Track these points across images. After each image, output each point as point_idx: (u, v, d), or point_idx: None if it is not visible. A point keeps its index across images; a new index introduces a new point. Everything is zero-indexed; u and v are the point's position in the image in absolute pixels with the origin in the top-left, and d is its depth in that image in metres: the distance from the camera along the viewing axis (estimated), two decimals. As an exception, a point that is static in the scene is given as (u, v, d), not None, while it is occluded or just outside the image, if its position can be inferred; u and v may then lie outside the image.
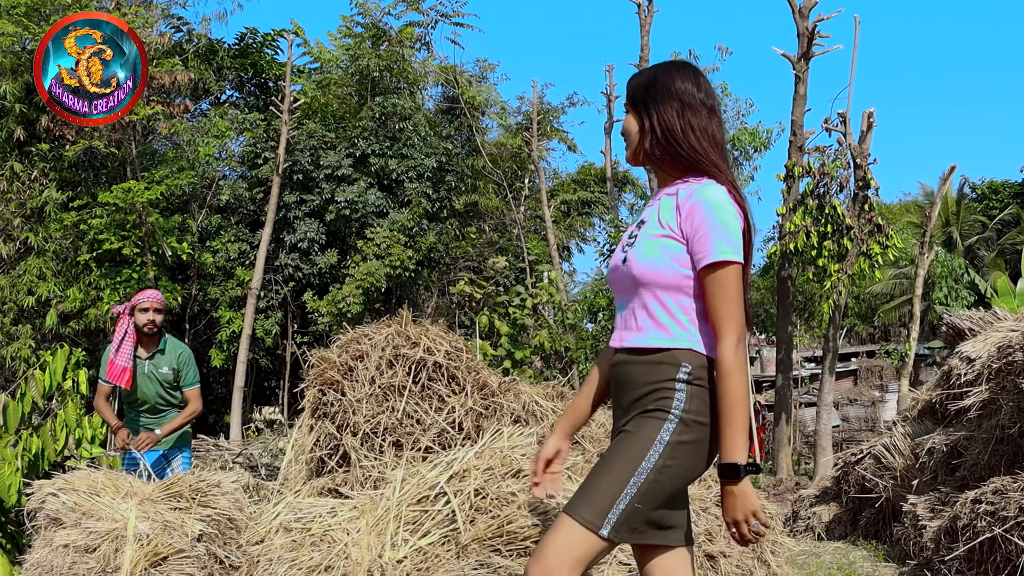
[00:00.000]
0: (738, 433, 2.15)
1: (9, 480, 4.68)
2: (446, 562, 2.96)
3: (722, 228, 2.22)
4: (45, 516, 3.92)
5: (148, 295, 5.21)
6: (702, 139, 2.31)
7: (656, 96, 2.35)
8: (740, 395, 2.16)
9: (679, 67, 2.41)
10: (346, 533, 3.18)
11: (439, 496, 3.17)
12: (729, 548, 4.05)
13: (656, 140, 2.34)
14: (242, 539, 3.96)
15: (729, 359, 2.18)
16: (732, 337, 2.19)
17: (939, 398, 6.12)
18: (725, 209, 2.24)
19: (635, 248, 2.33)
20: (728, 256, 2.20)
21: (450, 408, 3.96)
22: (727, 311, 2.20)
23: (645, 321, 2.30)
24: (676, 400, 2.21)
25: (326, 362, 4.06)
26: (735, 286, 2.22)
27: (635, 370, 2.30)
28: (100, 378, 5.17)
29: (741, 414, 2.16)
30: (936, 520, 5.26)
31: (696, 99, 2.33)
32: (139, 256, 15.23)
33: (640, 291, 2.31)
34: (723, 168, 2.32)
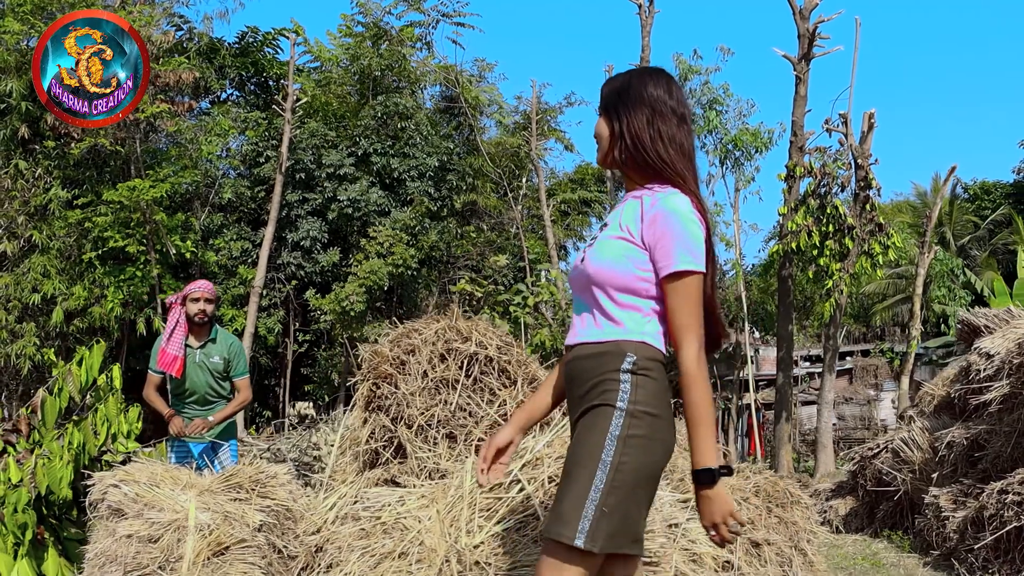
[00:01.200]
0: (707, 439, 2.16)
1: (60, 473, 4.75)
2: (523, 547, 3.06)
3: (685, 238, 2.23)
4: (107, 507, 4.01)
5: (199, 285, 5.30)
6: (670, 148, 2.32)
7: (628, 102, 2.37)
8: (705, 401, 2.17)
9: (652, 74, 2.41)
10: (417, 521, 3.28)
11: (513, 483, 3.27)
12: (772, 536, 4.17)
13: (624, 146, 2.36)
14: (299, 529, 4.06)
15: (692, 367, 2.17)
16: (693, 345, 2.19)
17: (958, 393, 6.25)
18: (688, 219, 2.25)
19: (593, 248, 2.35)
20: (690, 266, 2.22)
21: (501, 401, 4.06)
22: (688, 318, 2.21)
23: (599, 319, 2.31)
24: (621, 392, 2.20)
25: (379, 356, 4.16)
26: (696, 295, 2.23)
27: (584, 364, 2.30)
28: (150, 368, 5.25)
29: (708, 420, 2.17)
30: (960, 511, 5.40)
31: (667, 107, 2.34)
32: (143, 254, 15.26)
33: (594, 290, 2.32)
34: (688, 178, 2.32)
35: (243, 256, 17.40)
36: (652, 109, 2.33)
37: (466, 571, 3.02)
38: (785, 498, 4.56)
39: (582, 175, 23.67)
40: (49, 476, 4.72)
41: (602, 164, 2.48)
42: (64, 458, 4.78)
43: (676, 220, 2.23)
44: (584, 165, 24.03)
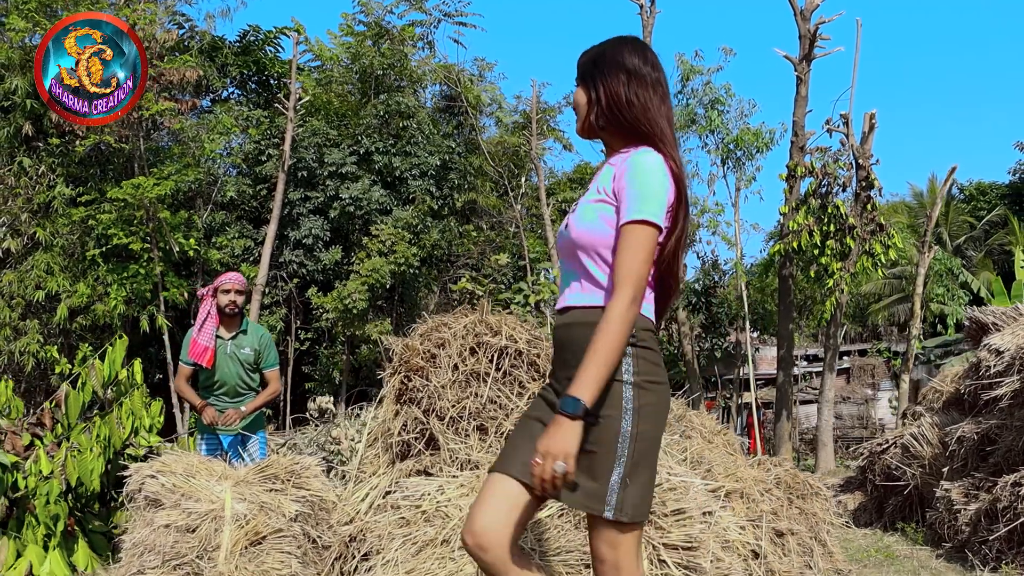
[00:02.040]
0: (595, 378, 2.11)
1: (91, 465, 4.81)
2: (566, 532, 3.13)
3: (645, 190, 2.21)
4: (144, 497, 4.07)
5: (230, 277, 5.37)
6: (647, 109, 2.32)
7: (604, 68, 2.38)
8: (615, 346, 2.13)
9: (627, 41, 2.43)
10: (459, 509, 3.35)
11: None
12: (795, 526, 4.26)
13: (601, 110, 2.36)
14: (332, 519, 4.13)
15: (618, 310, 2.15)
16: (629, 293, 2.17)
17: (967, 389, 6.35)
18: (654, 174, 2.23)
19: (575, 214, 2.36)
20: (646, 216, 2.19)
21: (530, 393, 4.13)
22: (630, 268, 2.18)
23: (584, 281, 2.31)
24: (624, 366, 2.20)
25: (410, 350, 4.23)
26: (645, 248, 2.19)
27: (579, 332, 2.28)
28: (181, 360, 5.30)
29: (608, 362, 2.13)
30: (973, 504, 5.50)
31: (643, 72, 2.35)
32: (146, 252, 15.30)
33: (579, 254, 2.32)
34: (666, 138, 2.32)
35: (245, 254, 17.44)
36: (628, 73, 2.35)
37: (510, 557, 3.09)
38: (805, 490, 4.65)
39: (581, 174, 23.77)
40: (80, 468, 4.78)
41: (581, 133, 2.48)
42: (95, 450, 4.84)
43: (640, 172, 2.23)
44: (583, 165, 24.13)
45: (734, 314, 16.67)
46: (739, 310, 16.54)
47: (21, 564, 4.79)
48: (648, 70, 2.36)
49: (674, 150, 2.33)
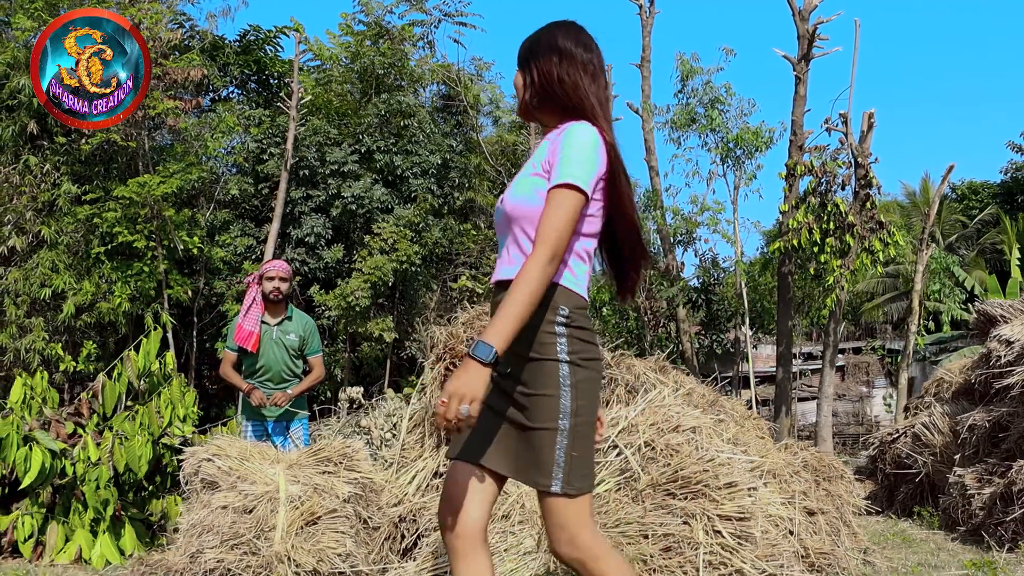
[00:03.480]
0: (508, 326, 2.15)
1: (140, 451, 4.94)
2: (624, 506, 3.29)
3: (574, 158, 2.27)
4: (200, 480, 4.20)
5: (275, 264, 5.54)
6: (578, 87, 2.40)
7: (538, 51, 2.47)
8: (530, 300, 2.17)
9: (561, 25, 2.52)
10: (516, 486, 3.50)
11: (611, 448, 3.50)
12: (825, 506, 4.43)
13: (535, 90, 2.46)
14: (381, 501, 4.28)
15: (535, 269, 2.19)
16: (547, 252, 2.20)
17: (978, 378, 6.53)
18: (585, 143, 2.29)
19: (510, 188, 2.43)
20: (571, 180, 2.24)
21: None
22: (551, 231, 2.21)
23: (516, 254, 2.36)
24: (559, 345, 2.27)
25: (455, 338, 4.38)
26: (569, 212, 2.23)
27: None
28: (227, 347, 5.46)
29: (520, 315, 2.17)
30: (987, 488, 5.69)
31: (574, 52, 2.44)
32: (150, 250, 15.38)
33: (512, 227, 2.38)
34: (597, 113, 2.39)
35: (247, 252, 17.53)
36: (560, 54, 2.44)
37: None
38: (831, 472, 4.83)
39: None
40: (128, 455, 4.91)
41: (520, 114, 2.60)
42: (143, 437, 4.97)
43: (571, 140, 2.30)
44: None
45: (733, 311, 16.86)
46: (738, 307, 16.74)
47: (70, 548, 4.92)
48: (580, 51, 2.45)
49: (605, 123, 2.41)
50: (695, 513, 3.23)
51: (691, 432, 3.53)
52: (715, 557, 3.19)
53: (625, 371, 4.38)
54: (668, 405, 3.72)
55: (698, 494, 3.28)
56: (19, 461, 4.79)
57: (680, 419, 3.58)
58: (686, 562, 3.13)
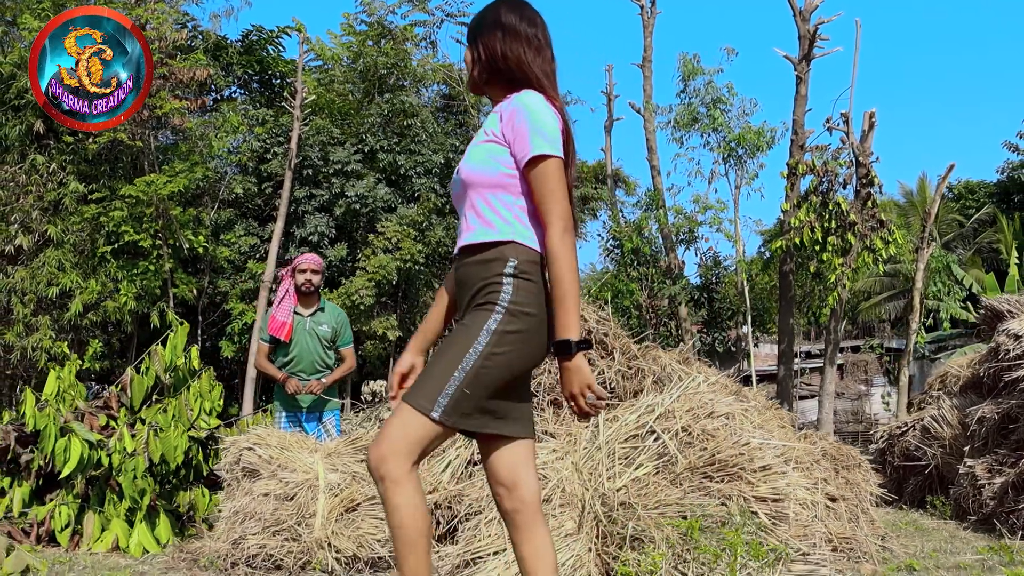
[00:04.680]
0: (569, 313, 2.26)
1: (175, 442, 5.05)
2: (663, 488, 3.41)
3: (537, 127, 2.35)
4: (242, 468, 4.32)
5: (307, 258, 5.70)
6: (521, 61, 2.48)
7: (483, 28, 2.56)
8: (569, 277, 2.27)
9: (508, 3, 2.58)
10: (555, 471, 3.62)
11: (648, 433, 3.63)
12: (846, 493, 4.56)
13: (482, 66, 2.54)
14: (417, 488, 4.40)
15: (556, 245, 2.29)
16: (558, 225, 2.31)
17: (987, 372, 6.68)
18: (540, 110, 2.38)
19: (464, 157, 2.50)
20: (546, 150, 2.34)
21: (600, 370, 4.41)
22: (551, 202, 2.32)
23: (474, 220, 2.43)
24: (503, 292, 2.32)
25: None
26: (556, 178, 2.34)
27: (470, 270, 2.41)
28: (261, 338, 5.60)
29: (571, 295, 2.27)
30: (998, 478, 5.83)
31: (518, 28, 2.51)
32: (156, 249, 15.47)
33: (469, 194, 2.45)
34: (543, 83, 2.47)
35: (252, 251, 17.63)
36: (503, 30, 2.51)
37: (612, 511, 3.37)
38: (849, 461, 4.96)
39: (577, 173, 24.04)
40: (164, 446, 5.02)
41: (471, 90, 2.68)
42: (178, 428, 5.08)
43: (528, 111, 2.38)
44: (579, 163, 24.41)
45: (734, 309, 17.01)
46: (739, 306, 16.88)
47: (107, 537, 5.02)
48: (524, 26, 2.52)
49: (552, 91, 2.49)
50: (731, 495, 3.36)
51: (725, 418, 3.67)
52: (752, 536, 3.32)
53: (651, 362, 4.52)
54: (702, 392, 3.87)
55: (734, 476, 3.42)
56: (58, 452, 4.89)
57: (714, 406, 3.72)
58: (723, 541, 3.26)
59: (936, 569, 4.39)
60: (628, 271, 16.69)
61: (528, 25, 2.53)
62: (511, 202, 2.41)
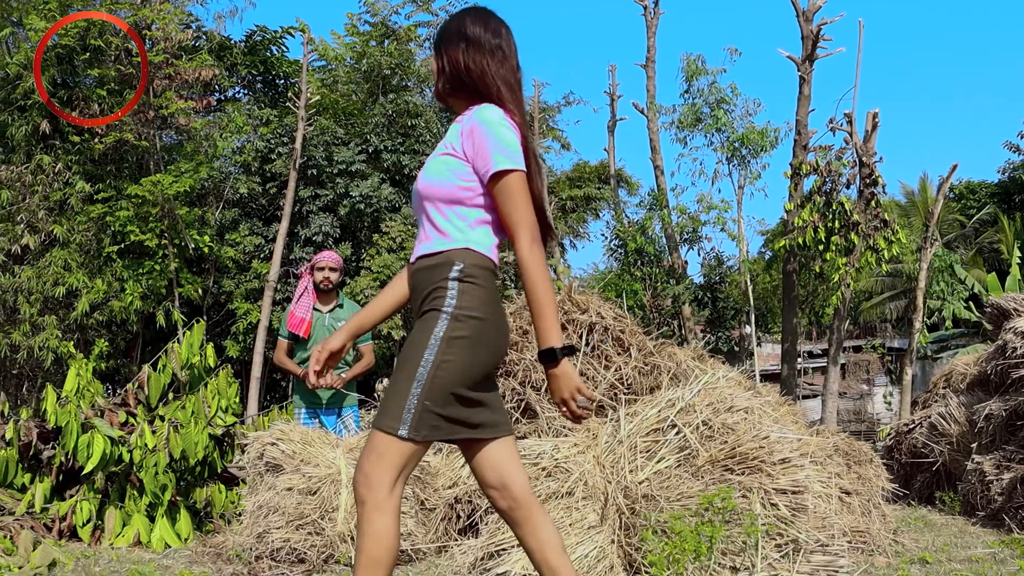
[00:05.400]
0: (547, 321, 2.31)
1: (196, 438, 5.11)
2: (685, 481, 3.48)
3: (498, 142, 2.37)
4: (265, 463, 4.38)
5: (325, 255, 5.78)
6: (485, 73, 2.50)
7: (447, 38, 2.58)
8: (543, 287, 2.31)
9: (470, 12, 2.61)
10: (577, 465, 3.69)
11: (670, 427, 3.70)
12: (859, 487, 4.63)
13: (447, 77, 2.56)
14: (437, 483, 4.46)
15: (526, 256, 2.33)
16: (526, 236, 2.34)
17: (994, 369, 6.75)
18: (499, 125, 2.40)
19: (423, 169, 2.52)
20: (507, 165, 2.37)
21: (616, 366, 4.48)
22: (517, 214, 2.35)
23: (431, 231, 2.46)
24: (448, 298, 2.34)
25: (505, 326, 4.56)
26: (520, 191, 2.37)
27: (420, 276, 2.45)
28: (280, 334, 5.67)
29: (547, 304, 2.31)
30: (1006, 474, 5.90)
31: (481, 39, 2.52)
32: (161, 248, 15.52)
33: (425, 205, 2.48)
34: (504, 96, 2.49)
35: (256, 251, 17.69)
36: (467, 41, 2.52)
37: (634, 503, 3.44)
38: (861, 456, 5.03)
39: (580, 173, 24.13)
40: (185, 442, 5.09)
41: (436, 99, 2.77)
42: (199, 424, 5.14)
43: (488, 127, 2.39)
44: (581, 163, 24.50)
45: (737, 308, 17.08)
46: (743, 305, 16.96)
47: (128, 532, 5.09)
48: (487, 37, 2.53)
49: (513, 105, 2.50)
50: (752, 487, 3.43)
51: (744, 412, 3.74)
52: (772, 528, 3.39)
53: (667, 358, 4.59)
54: (722, 387, 3.94)
55: (754, 469, 3.49)
56: (81, 447, 4.95)
57: (733, 400, 3.79)
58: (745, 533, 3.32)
59: (948, 562, 4.45)
60: (632, 271, 16.76)
61: (492, 36, 2.55)
62: (466, 214, 2.44)
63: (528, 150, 2.47)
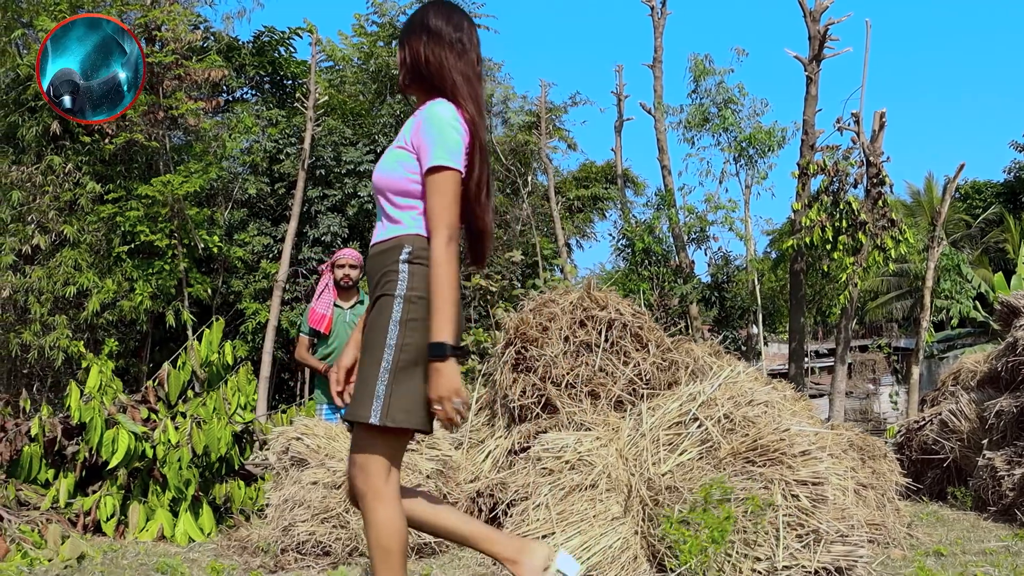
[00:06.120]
0: (443, 316, 2.33)
1: (219, 433, 5.18)
2: (707, 472, 3.55)
3: (440, 138, 2.43)
4: (290, 458, 4.45)
5: (346, 253, 5.89)
6: (443, 65, 2.55)
7: (410, 31, 2.64)
8: (448, 284, 2.35)
9: (435, 6, 2.65)
10: (600, 458, 3.75)
11: (691, 421, 3.76)
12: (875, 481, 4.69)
13: (407, 69, 2.62)
14: (459, 478, 4.53)
15: (440, 252, 2.36)
16: (444, 234, 2.38)
17: (1004, 366, 6.80)
18: (446, 122, 2.45)
19: (379, 161, 2.60)
20: (443, 162, 2.42)
21: (635, 362, 4.55)
22: (440, 210, 2.40)
23: (384, 220, 2.55)
24: (399, 281, 2.40)
25: (526, 323, 4.63)
26: (450, 190, 2.41)
27: (373, 262, 2.53)
28: (301, 331, 5.76)
29: (448, 301, 2.35)
30: (1017, 470, 5.95)
31: (442, 32, 2.58)
32: (171, 248, 15.61)
33: (379, 197, 2.57)
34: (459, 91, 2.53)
35: (265, 251, 17.77)
36: (428, 34, 2.57)
37: (657, 495, 3.50)
38: (875, 451, 5.09)
39: (586, 173, 24.18)
40: (208, 438, 5.16)
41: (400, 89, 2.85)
42: (221, 420, 5.22)
43: (435, 123, 2.46)
44: (588, 163, 24.54)
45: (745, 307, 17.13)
46: (751, 304, 17.01)
47: (152, 527, 5.16)
48: (448, 30, 2.59)
49: (468, 101, 2.54)
50: (773, 478, 3.50)
51: (764, 406, 3.81)
52: (793, 518, 3.46)
53: (685, 355, 4.66)
54: (742, 381, 4.01)
55: (775, 461, 3.55)
56: (106, 443, 5.03)
57: (754, 394, 3.86)
58: (767, 523, 3.39)
59: (963, 554, 4.51)
60: (639, 270, 16.82)
61: (454, 29, 2.60)
62: (417, 204, 2.50)
63: (480, 145, 2.53)
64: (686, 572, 3.22)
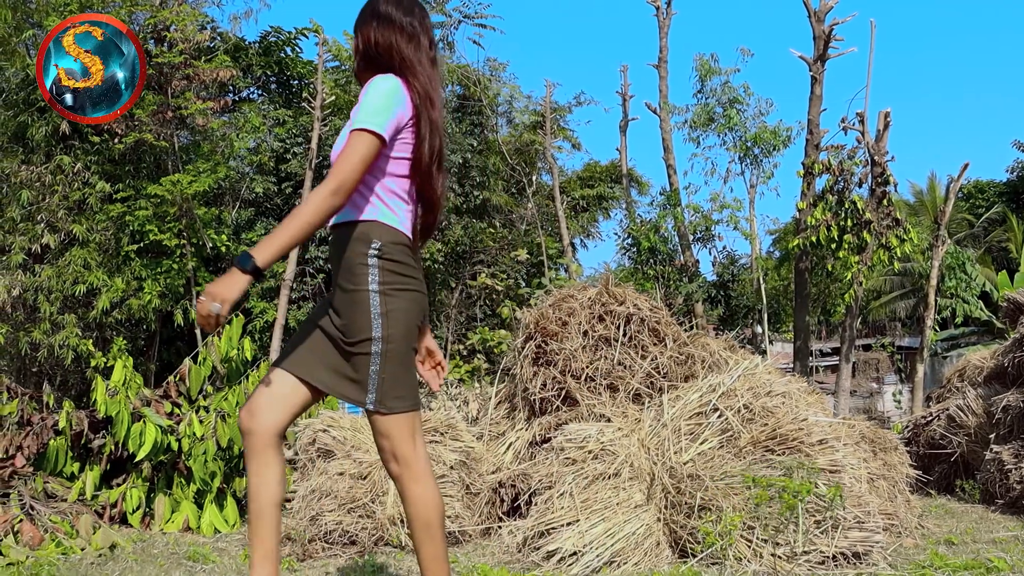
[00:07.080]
0: (275, 241, 2.36)
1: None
2: (727, 461, 3.65)
3: (365, 103, 2.47)
4: (317, 449, 4.55)
5: None
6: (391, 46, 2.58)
7: (363, 18, 2.69)
8: (304, 219, 2.36)
9: None
10: (623, 448, 3.85)
11: (712, 411, 3.86)
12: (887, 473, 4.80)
13: (360, 55, 2.68)
14: (481, 469, 4.63)
15: (317, 195, 2.39)
16: (332, 183, 2.39)
17: (1011, 362, 6.91)
18: (383, 90, 2.48)
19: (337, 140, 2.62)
20: (364, 125, 2.44)
21: (652, 356, 4.65)
22: (343, 166, 2.41)
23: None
24: (371, 276, 2.45)
25: (545, 318, 4.73)
26: (361, 152, 2.41)
27: (337, 246, 2.56)
28: None
29: (291, 231, 2.39)
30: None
31: (393, 15, 2.61)
32: (179, 247, 15.70)
33: None
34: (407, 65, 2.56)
35: (272, 250, 17.86)
36: (378, 18, 2.61)
37: (680, 483, 3.61)
38: (886, 444, 5.19)
39: (591, 173, 24.27)
40: (232, 431, 5.26)
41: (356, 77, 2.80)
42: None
43: (370, 90, 2.50)
44: (592, 163, 24.63)
45: (750, 306, 17.23)
46: (756, 303, 17.11)
47: (178, 518, 5.26)
48: (399, 14, 2.62)
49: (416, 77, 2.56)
50: (793, 466, 3.60)
51: (782, 397, 3.91)
52: (812, 505, 3.55)
53: (701, 349, 4.77)
54: (760, 373, 4.11)
55: (794, 450, 3.66)
56: (133, 436, 5.13)
57: (772, 385, 3.96)
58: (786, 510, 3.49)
59: (974, 543, 4.62)
60: (644, 269, 16.92)
61: (404, 14, 2.63)
62: (373, 182, 2.53)
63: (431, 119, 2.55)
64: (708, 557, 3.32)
